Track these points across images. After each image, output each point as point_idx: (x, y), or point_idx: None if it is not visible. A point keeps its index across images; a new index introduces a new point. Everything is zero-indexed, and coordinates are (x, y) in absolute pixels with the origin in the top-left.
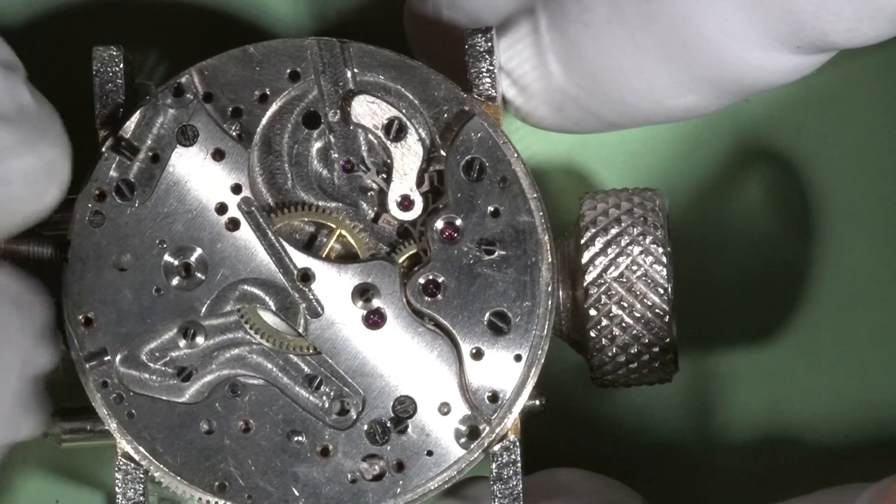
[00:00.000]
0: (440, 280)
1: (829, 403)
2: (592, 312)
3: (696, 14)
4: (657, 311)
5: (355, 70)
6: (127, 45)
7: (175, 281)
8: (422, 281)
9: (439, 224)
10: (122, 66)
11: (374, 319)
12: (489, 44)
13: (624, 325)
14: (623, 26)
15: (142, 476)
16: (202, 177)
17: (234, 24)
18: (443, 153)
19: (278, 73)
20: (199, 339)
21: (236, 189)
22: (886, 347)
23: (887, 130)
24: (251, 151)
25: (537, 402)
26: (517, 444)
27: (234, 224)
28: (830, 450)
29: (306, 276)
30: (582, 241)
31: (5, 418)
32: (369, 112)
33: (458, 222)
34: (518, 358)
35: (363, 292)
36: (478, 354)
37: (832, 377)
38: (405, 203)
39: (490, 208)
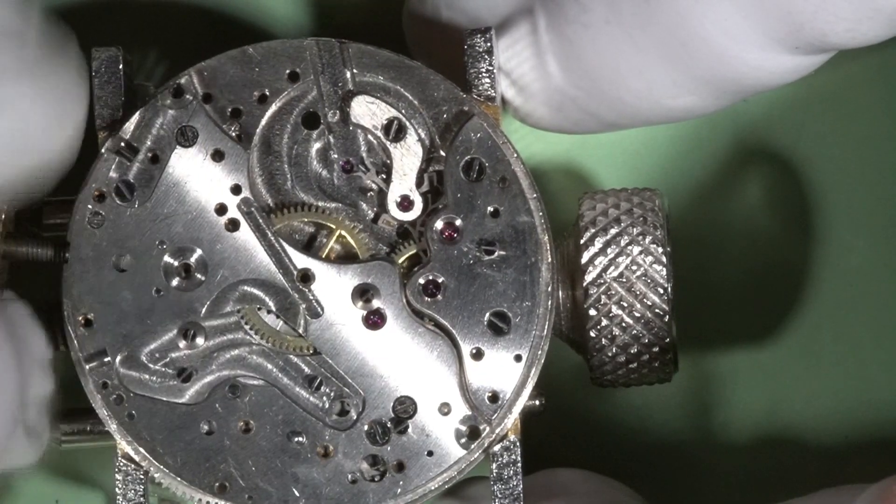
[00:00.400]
0: (440, 280)
1: (829, 403)
2: (592, 312)
3: (695, 14)
4: (657, 310)
5: (354, 70)
6: (126, 46)
7: (175, 282)
8: (421, 281)
9: (439, 224)
10: (121, 66)
11: (374, 320)
12: (488, 44)
13: (624, 324)
14: (621, 27)
15: (142, 477)
16: (202, 177)
17: (234, 25)
18: (442, 153)
19: (277, 74)
20: (199, 340)
21: (236, 190)
22: (886, 347)
23: (887, 130)
24: (250, 152)
25: (537, 403)
26: (517, 444)
27: (233, 225)
28: (830, 450)
29: (306, 277)
30: (581, 241)
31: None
32: (368, 112)
33: (458, 222)
34: (518, 358)
35: (363, 293)
36: (478, 355)
37: (832, 377)
38: (405, 203)
39: (490, 208)
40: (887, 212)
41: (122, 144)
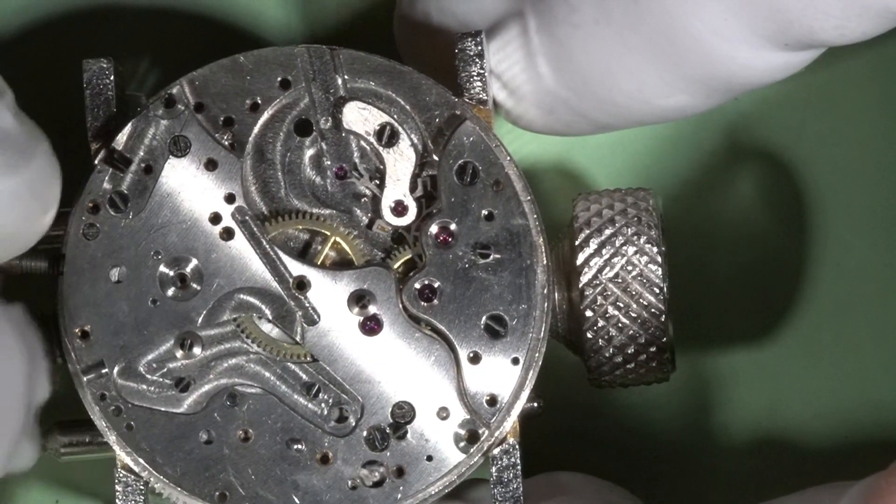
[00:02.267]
0: (436, 285)
1: (829, 403)
2: (588, 313)
3: (684, 13)
4: (653, 310)
5: (346, 77)
6: (117, 57)
7: (171, 292)
8: (417, 286)
9: (433, 229)
10: (112, 77)
11: (371, 326)
12: (479, 47)
13: (620, 325)
14: (611, 26)
15: (142, 487)
16: (195, 187)
17: (224, 34)
18: (435, 158)
19: (269, 82)
20: (197, 350)
21: (230, 198)
22: (886, 347)
23: (885, 130)
24: (244, 160)
25: (535, 405)
26: (516, 447)
27: (228, 234)
28: (830, 450)
29: (302, 284)
30: (576, 243)
31: (10, 447)
32: (361, 118)
33: (453, 227)
34: (515, 361)
35: (359, 299)
36: (475, 358)
37: (832, 377)
38: (399, 209)
39: (484, 212)
40: (886, 211)
41: (116, 155)
